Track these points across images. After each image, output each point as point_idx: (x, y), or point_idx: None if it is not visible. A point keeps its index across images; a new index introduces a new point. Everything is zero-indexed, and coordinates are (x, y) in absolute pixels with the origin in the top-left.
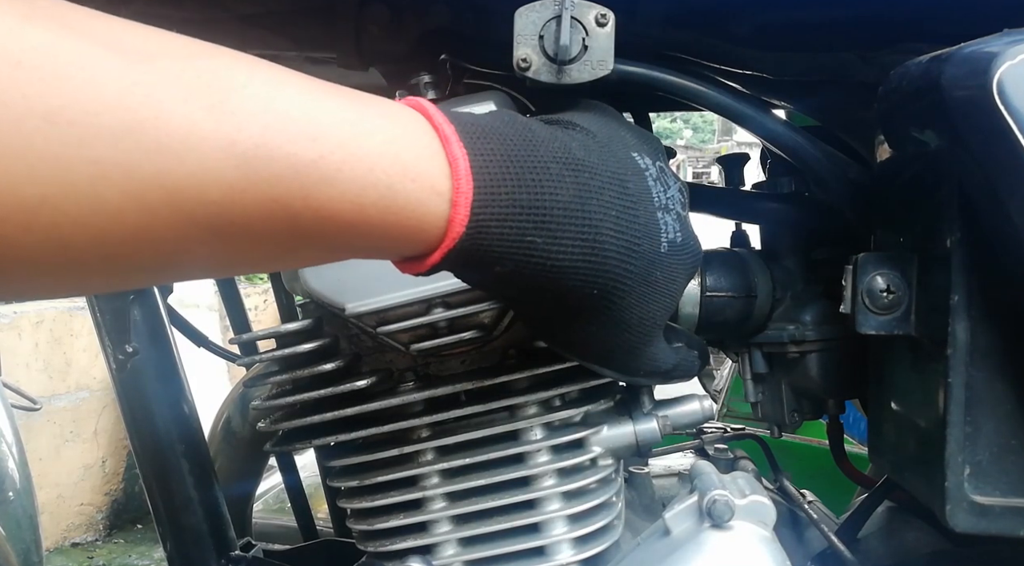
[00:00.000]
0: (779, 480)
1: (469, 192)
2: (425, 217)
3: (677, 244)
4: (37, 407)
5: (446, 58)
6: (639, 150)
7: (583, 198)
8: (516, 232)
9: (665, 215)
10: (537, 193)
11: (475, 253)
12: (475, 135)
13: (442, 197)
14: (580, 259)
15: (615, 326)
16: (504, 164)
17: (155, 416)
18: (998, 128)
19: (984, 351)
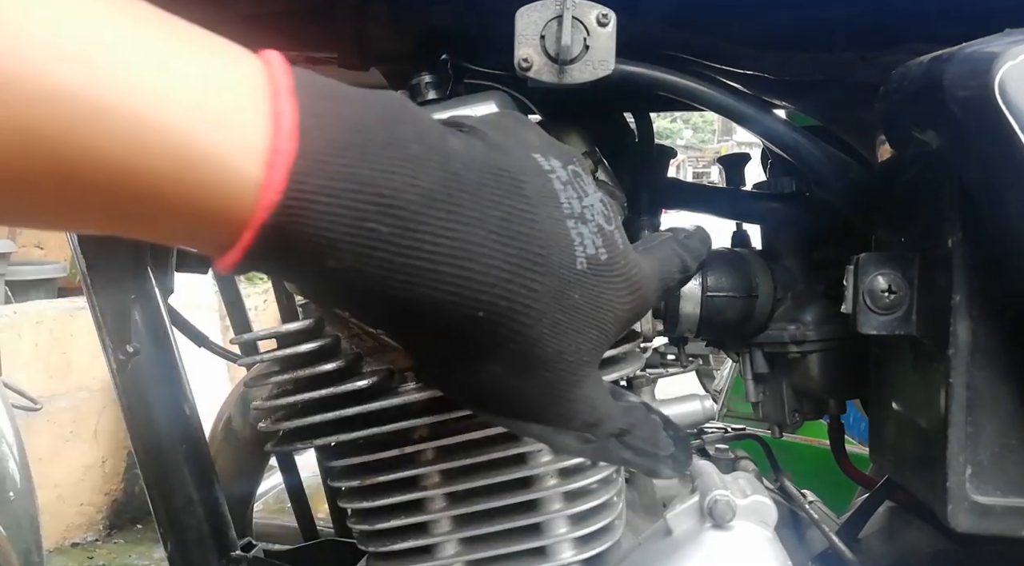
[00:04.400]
0: (780, 480)
1: (291, 153)
2: (231, 179)
3: (601, 261)
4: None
5: (447, 58)
6: (544, 152)
7: (450, 188)
8: (353, 215)
9: (580, 225)
10: (386, 171)
11: (298, 236)
12: (317, 93)
13: (255, 156)
14: (447, 263)
15: (526, 363)
16: (348, 130)
17: (155, 416)
18: (999, 128)
19: (985, 351)
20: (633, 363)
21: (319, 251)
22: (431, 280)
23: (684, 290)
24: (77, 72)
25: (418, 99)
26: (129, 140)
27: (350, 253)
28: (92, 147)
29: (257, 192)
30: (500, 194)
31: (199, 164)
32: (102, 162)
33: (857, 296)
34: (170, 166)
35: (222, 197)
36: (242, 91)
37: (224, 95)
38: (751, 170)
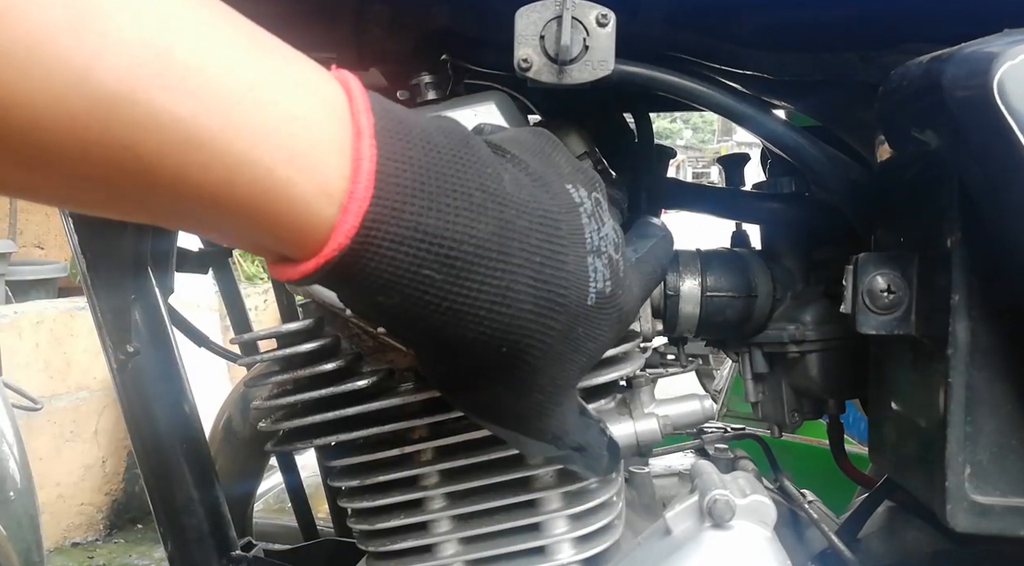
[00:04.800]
0: (779, 480)
1: (365, 200)
2: (307, 218)
3: (605, 295)
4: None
5: (447, 58)
6: (574, 181)
7: (504, 237)
8: (411, 261)
9: (596, 260)
10: (449, 221)
11: (357, 274)
12: (396, 134)
13: (332, 200)
14: (486, 308)
15: (524, 387)
16: (419, 177)
17: (156, 416)
18: (999, 128)
19: (985, 351)
20: (633, 363)
21: (373, 289)
22: (467, 321)
23: (684, 290)
24: (182, 102)
25: (418, 99)
26: (219, 171)
27: (400, 294)
28: (183, 172)
29: (328, 232)
30: (542, 238)
31: (279, 199)
32: (189, 185)
33: (856, 296)
34: (252, 196)
35: (295, 229)
36: (327, 131)
37: (310, 134)
38: (751, 170)
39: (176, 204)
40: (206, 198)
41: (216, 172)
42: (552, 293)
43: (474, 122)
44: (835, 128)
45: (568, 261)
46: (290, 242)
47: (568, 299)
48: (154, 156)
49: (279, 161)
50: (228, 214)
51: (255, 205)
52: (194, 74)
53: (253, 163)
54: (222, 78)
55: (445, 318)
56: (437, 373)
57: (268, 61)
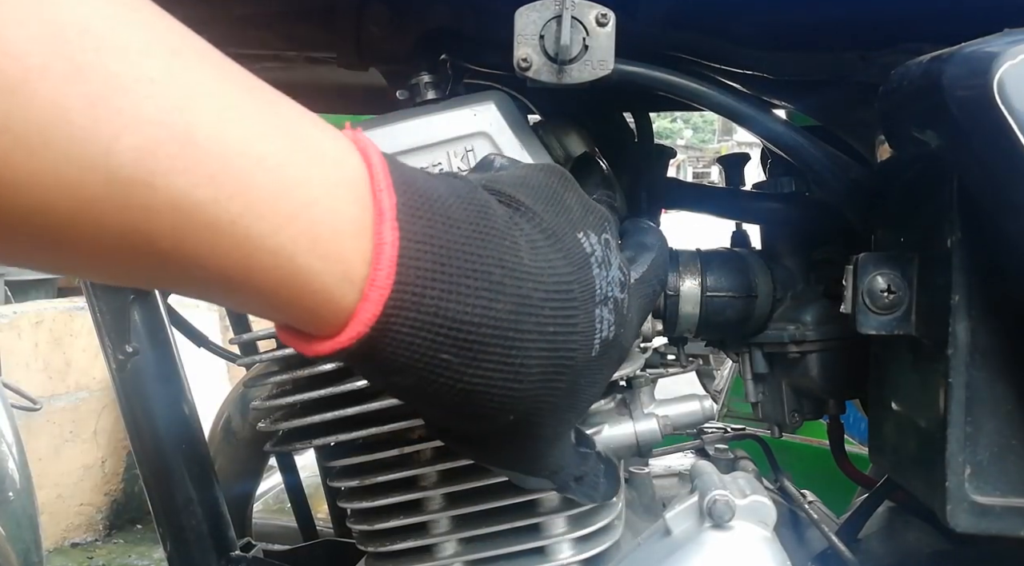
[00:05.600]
0: (779, 480)
1: (387, 288)
2: (326, 303)
3: (609, 341)
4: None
5: (446, 58)
6: (584, 227)
7: (520, 314)
8: (429, 346)
9: (603, 309)
10: (469, 305)
11: (373, 357)
12: (418, 213)
13: (353, 286)
14: (499, 386)
15: (524, 440)
16: (439, 259)
17: (155, 416)
18: (998, 128)
19: (985, 351)
20: (633, 363)
21: (389, 370)
22: (482, 400)
23: (684, 290)
24: (201, 185)
25: (417, 99)
26: (238, 257)
27: (416, 376)
28: (200, 258)
29: (347, 318)
30: (556, 306)
31: (299, 284)
32: (206, 271)
33: (856, 296)
34: (270, 282)
35: (313, 314)
36: (349, 214)
37: (332, 218)
38: (751, 170)
39: (191, 285)
40: (223, 282)
41: (234, 258)
42: (562, 357)
43: (474, 122)
44: (835, 128)
45: (579, 322)
46: (307, 324)
47: (576, 358)
48: (170, 241)
49: (300, 248)
50: (245, 297)
51: (274, 290)
52: (214, 157)
53: (274, 249)
54: (243, 161)
55: (458, 398)
56: (443, 434)
57: (288, 137)
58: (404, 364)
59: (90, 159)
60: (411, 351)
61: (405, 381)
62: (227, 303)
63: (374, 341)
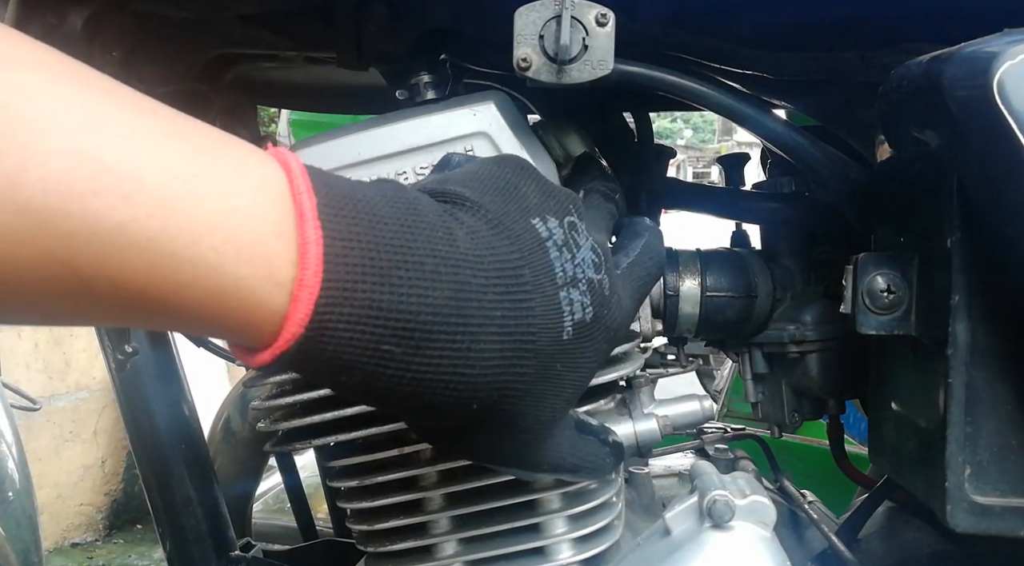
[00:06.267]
0: (779, 480)
1: (316, 286)
2: (258, 309)
3: (586, 323)
4: (37, 407)
5: (446, 58)
6: (541, 212)
7: (460, 301)
8: (368, 339)
9: (571, 291)
10: (403, 294)
11: (316, 358)
12: (341, 212)
13: (281, 288)
14: (449, 373)
15: (506, 431)
16: (368, 254)
17: (155, 416)
18: (998, 128)
19: (984, 351)
20: (633, 363)
21: (333, 370)
22: (434, 389)
23: (684, 290)
24: (116, 207)
25: (417, 99)
26: (162, 273)
27: (362, 372)
28: (125, 279)
29: (281, 322)
30: (501, 291)
31: (227, 294)
32: (134, 291)
33: (856, 296)
34: (198, 295)
35: (246, 323)
36: (270, 217)
37: (253, 224)
38: (751, 170)
39: (121, 312)
40: (152, 302)
41: (160, 275)
42: (519, 340)
43: (473, 122)
44: (835, 128)
45: (535, 305)
46: (244, 335)
47: (539, 342)
48: (92, 267)
49: (224, 257)
50: (176, 315)
51: (203, 303)
52: (127, 179)
53: (197, 261)
54: (156, 178)
55: (409, 389)
56: (422, 434)
57: (201, 152)
58: (347, 361)
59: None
60: (351, 347)
61: (353, 379)
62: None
63: (312, 341)
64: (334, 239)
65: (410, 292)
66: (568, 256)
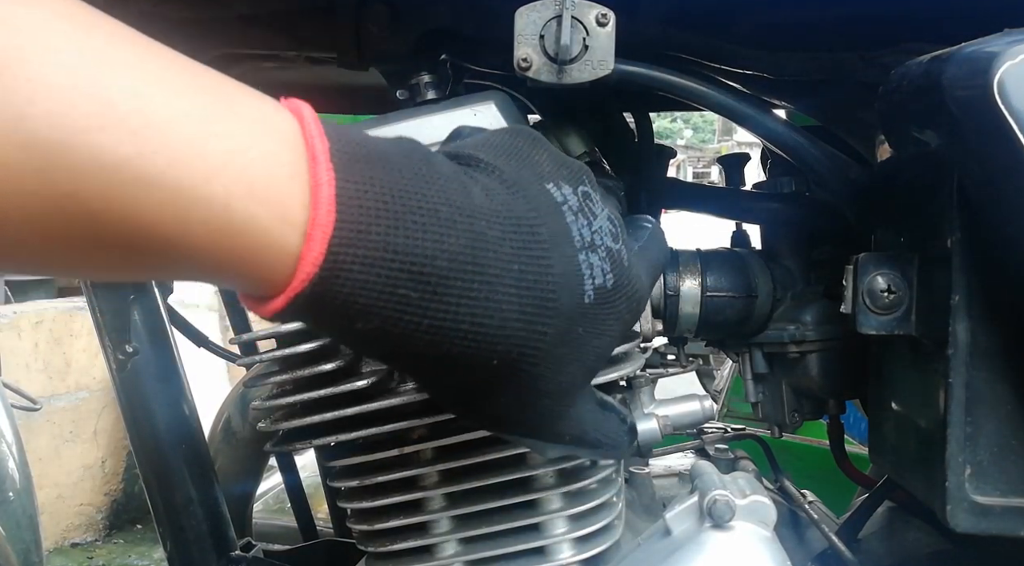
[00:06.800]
0: (780, 480)
1: (329, 225)
2: (270, 250)
3: (607, 289)
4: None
5: (446, 58)
6: (555, 179)
7: (476, 249)
8: (385, 282)
9: (590, 255)
10: (418, 238)
11: (331, 302)
12: (354, 157)
13: (294, 228)
14: (468, 322)
15: (527, 395)
16: (382, 197)
17: (155, 416)
18: (998, 128)
19: (985, 351)
20: (633, 363)
21: (350, 315)
22: (452, 337)
23: (684, 290)
24: (123, 143)
25: (417, 99)
26: (171, 211)
27: (379, 317)
28: (133, 216)
29: (295, 263)
30: (518, 246)
31: (239, 235)
32: (141, 229)
33: (856, 296)
34: (210, 235)
35: (259, 265)
36: (281, 159)
37: (264, 164)
38: (751, 170)
39: (130, 254)
40: (161, 242)
41: (169, 212)
42: (539, 297)
43: (474, 122)
44: (835, 128)
45: (553, 263)
46: (257, 279)
47: (559, 302)
48: (99, 201)
49: (235, 195)
50: (188, 257)
51: (215, 244)
52: (134, 114)
53: (208, 199)
54: (163, 115)
55: (428, 337)
56: (440, 394)
57: (213, 95)
58: (363, 306)
59: (3, 125)
60: (367, 290)
61: (369, 325)
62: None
63: (327, 283)
64: (347, 181)
65: (425, 236)
66: (584, 222)
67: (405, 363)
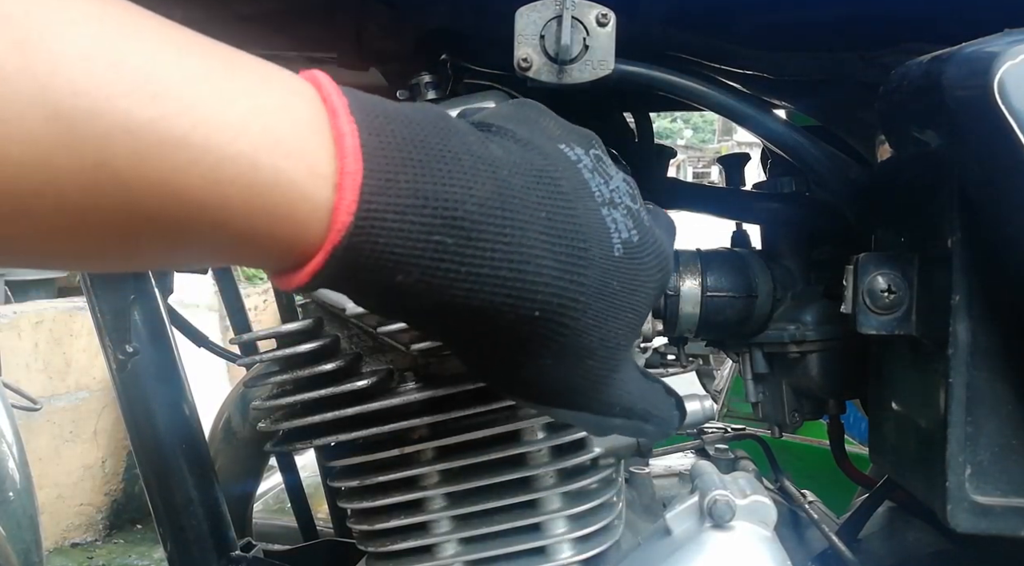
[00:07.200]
0: (780, 480)
1: (358, 173)
2: (303, 203)
3: (634, 244)
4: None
5: (446, 58)
6: (567, 141)
7: (503, 196)
8: (420, 229)
9: (612, 211)
10: (446, 184)
11: (369, 254)
12: (372, 112)
13: (324, 180)
14: (506, 268)
15: (573, 354)
16: (405, 147)
17: (155, 416)
18: (999, 128)
19: (985, 351)
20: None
21: (389, 267)
22: (492, 285)
23: (684, 290)
24: (148, 106)
25: (418, 99)
26: (200, 171)
27: (418, 267)
28: (163, 180)
29: (329, 215)
30: (542, 194)
31: (269, 191)
32: (173, 194)
33: (857, 296)
34: (240, 194)
35: (293, 222)
36: (303, 116)
37: (287, 118)
38: (751, 170)
39: (162, 225)
40: (194, 206)
41: (197, 173)
42: (570, 246)
43: None
44: (835, 128)
45: (578, 214)
46: (291, 239)
47: (590, 252)
48: (129, 168)
49: (262, 151)
50: (221, 223)
51: (246, 203)
52: (155, 79)
53: (235, 157)
54: (186, 77)
55: (467, 285)
56: (480, 361)
57: (229, 60)
58: (401, 255)
59: (28, 97)
60: (403, 238)
61: (409, 278)
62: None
63: (363, 232)
64: (369, 133)
65: (452, 182)
66: (601, 181)
67: (446, 321)
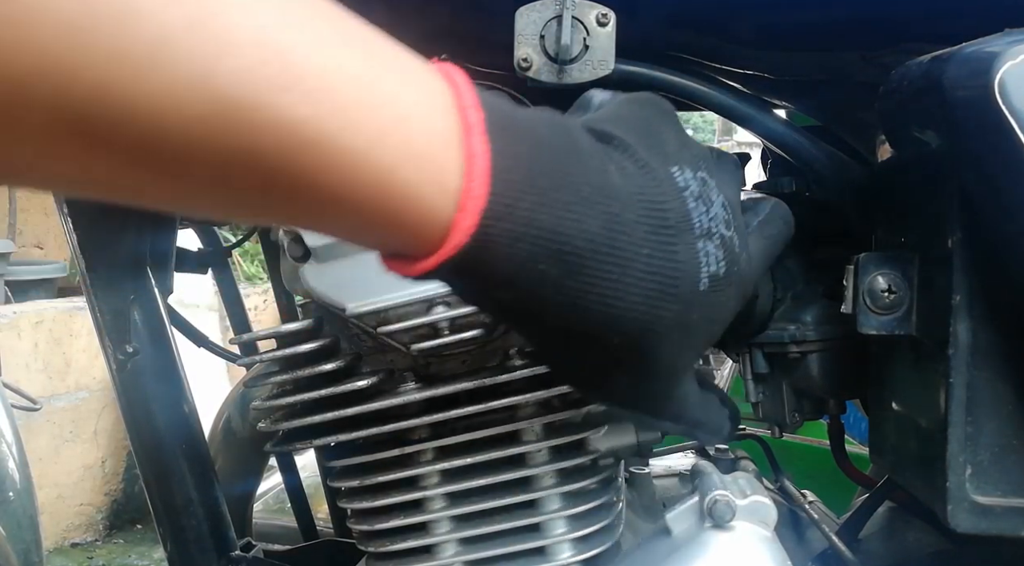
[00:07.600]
0: (780, 480)
1: (482, 198)
2: (426, 214)
3: (720, 277)
4: (37, 407)
5: (446, 58)
6: (679, 162)
7: (613, 231)
8: (527, 257)
9: (707, 243)
10: (561, 216)
11: (475, 271)
12: (505, 130)
13: (449, 197)
14: (597, 302)
15: (640, 375)
16: (531, 173)
17: (155, 416)
18: (999, 128)
19: (986, 351)
20: None
21: (492, 283)
22: (581, 315)
23: None
24: (300, 104)
25: None
26: (339, 173)
27: (518, 289)
28: (303, 175)
29: (447, 230)
30: (649, 230)
31: (399, 198)
32: (310, 189)
33: (857, 296)
34: (371, 198)
35: (414, 228)
36: (439, 128)
37: (426, 128)
38: (751, 170)
39: (293, 206)
40: (326, 200)
41: (336, 174)
42: (662, 285)
43: None
44: (835, 128)
45: (678, 251)
46: (408, 241)
47: (679, 288)
48: (274, 159)
49: (399, 161)
50: (347, 214)
51: (375, 206)
52: (311, 76)
53: (374, 163)
54: (338, 79)
55: (560, 311)
56: (559, 365)
57: (378, 58)
58: (505, 276)
59: (194, 80)
60: (510, 262)
61: (507, 295)
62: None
63: (475, 252)
64: (499, 155)
65: (568, 216)
66: (703, 209)
67: (532, 332)
